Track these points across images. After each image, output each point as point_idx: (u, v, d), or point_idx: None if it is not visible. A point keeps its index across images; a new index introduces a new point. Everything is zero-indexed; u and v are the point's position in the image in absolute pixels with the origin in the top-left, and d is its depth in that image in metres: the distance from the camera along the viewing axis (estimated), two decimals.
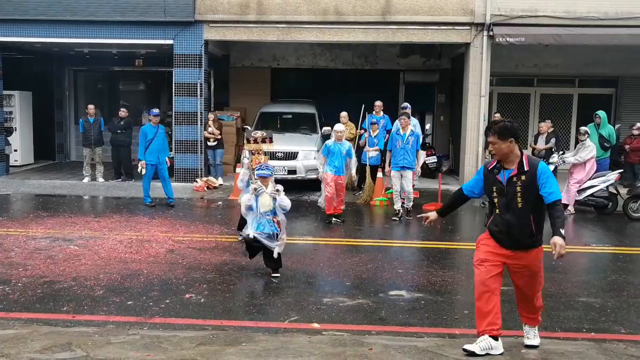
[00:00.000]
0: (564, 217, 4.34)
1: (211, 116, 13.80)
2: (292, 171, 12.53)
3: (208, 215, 10.77)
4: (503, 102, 16.63)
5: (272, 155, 12.47)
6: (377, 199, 11.72)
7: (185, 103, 13.69)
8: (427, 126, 15.56)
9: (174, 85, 13.73)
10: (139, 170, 11.23)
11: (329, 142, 10.21)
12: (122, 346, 4.51)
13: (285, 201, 6.83)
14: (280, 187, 6.93)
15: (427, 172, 14.17)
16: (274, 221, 6.87)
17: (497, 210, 4.46)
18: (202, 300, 6.05)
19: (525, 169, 4.33)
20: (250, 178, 7.77)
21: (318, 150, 12.78)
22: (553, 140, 12.27)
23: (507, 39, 12.84)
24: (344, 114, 12.71)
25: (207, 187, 13.22)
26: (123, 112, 13.88)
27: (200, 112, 13.73)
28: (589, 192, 11.03)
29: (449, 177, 15.21)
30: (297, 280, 6.80)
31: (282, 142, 12.86)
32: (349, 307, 5.89)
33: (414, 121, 11.75)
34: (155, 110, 11.34)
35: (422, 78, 17.21)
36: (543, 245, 4.50)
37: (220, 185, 13.50)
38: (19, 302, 5.86)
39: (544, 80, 16.53)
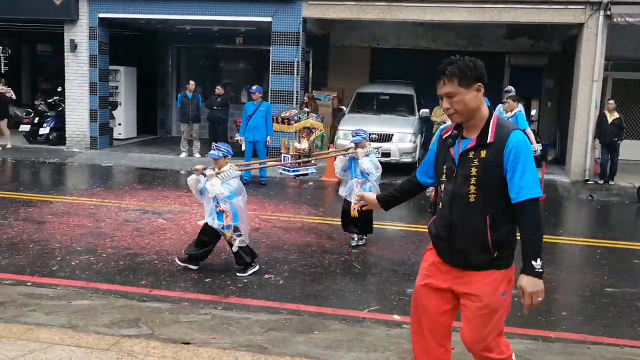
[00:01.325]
0: (540, 234, 2.64)
1: (307, 97, 13.55)
2: (386, 154, 12.00)
3: (298, 195, 10.55)
4: (618, 89, 15.07)
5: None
6: None
7: (282, 81, 13.52)
8: (533, 112, 14.46)
9: (270, 63, 13.60)
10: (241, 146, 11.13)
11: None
12: (189, 326, 4.30)
13: (214, 188, 5.62)
14: (227, 169, 5.77)
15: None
16: (223, 213, 5.77)
17: (440, 204, 2.88)
18: (280, 282, 5.78)
19: (489, 141, 2.68)
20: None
21: (414, 133, 12.20)
22: None
23: (627, 18, 11.52)
24: None
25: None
26: (220, 90, 13.95)
27: (296, 91, 13.51)
28: None
29: (555, 166, 14.06)
30: (381, 267, 6.36)
31: (376, 124, 12.43)
32: None
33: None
34: (255, 87, 11.20)
35: (529, 61, 16.02)
36: (509, 271, 2.82)
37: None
38: (100, 273, 5.86)
39: None
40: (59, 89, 15.45)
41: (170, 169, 12.73)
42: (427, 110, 13.05)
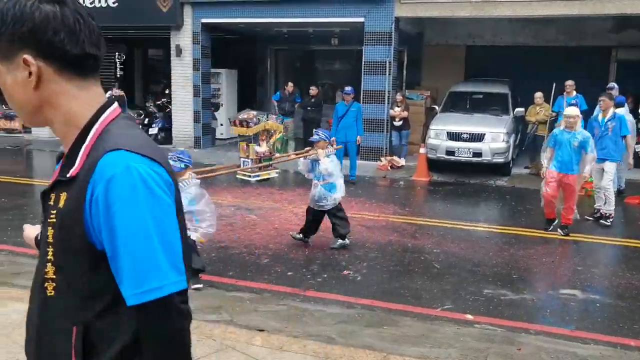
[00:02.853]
0: None
1: (399, 97, 13.62)
2: (478, 154, 11.82)
3: (386, 195, 10.68)
4: None
5: (458, 137, 11.98)
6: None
7: (374, 81, 13.68)
8: None
9: (363, 63, 13.80)
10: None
11: (556, 130, 8.08)
12: (265, 315, 4.61)
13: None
14: (187, 177, 5.40)
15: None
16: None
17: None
18: (358, 278, 5.98)
19: (72, 173, 1.33)
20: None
21: (508, 133, 11.91)
22: None
23: None
24: (538, 94, 11.62)
25: (391, 167, 13.12)
26: (314, 90, 14.35)
27: (388, 91, 13.61)
28: None
29: None
30: (460, 267, 6.38)
31: (468, 123, 12.28)
32: (511, 301, 5.35)
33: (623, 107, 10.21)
34: (349, 88, 11.44)
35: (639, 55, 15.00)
36: None
37: (403, 165, 13.31)
38: None
39: None
40: (167, 92, 16.59)
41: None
42: (523, 109, 12.68)
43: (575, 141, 7.53)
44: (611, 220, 8.30)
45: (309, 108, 14.24)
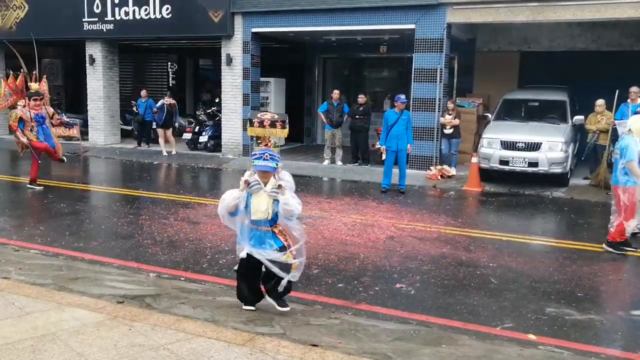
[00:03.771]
0: None
1: (450, 105, 13.32)
2: (534, 164, 11.39)
3: (436, 205, 10.40)
4: None
5: (512, 146, 11.59)
6: None
7: (424, 89, 13.43)
8: None
9: (413, 70, 13.57)
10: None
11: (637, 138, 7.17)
12: (318, 329, 4.47)
13: (290, 203, 4.56)
14: (284, 180, 4.71)
15: None
16: (275, 232, 4.76)
17: None
18: (412, 292, 5.77)
19: None
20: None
21: (566, 142, 11.45)
22: None
23: None
24: (600, 101, 11.13)
25: (441, 176, 12.82)
26: (362, 99, 14.20)
27: (439, 99, 13.34)
28: None
29: None
30: (519, 283, 6.07)
31: (524, 132, 11.87)
32: (577, 322, 5.02)
33: None
34: (402, 96, 11.25)
35: None
36: None
37: (454, 175, 12.98)
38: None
39: None
40: (217, 100, 16.76)
41: (313, 176, 13.20)
42: (582, 117, 12.16)
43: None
44: None
45: (357, 117, 14.09)
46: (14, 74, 11.41)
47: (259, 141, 4.82)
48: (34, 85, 10.79)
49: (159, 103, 15.95)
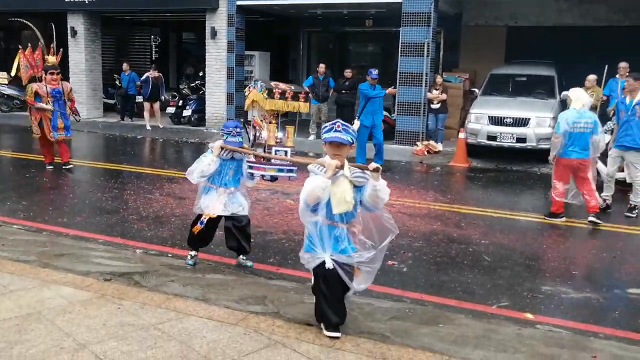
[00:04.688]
0: None
1: (438, 79, 13.17)
2: (522, 139, 11.36)
3: (424, 181, 10.33)
4: None
5: (500, 121, 11.52)
6: None
7: (411, 63, 13.26)
8: None
9: (400, 45, 13.38)
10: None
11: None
12: (312, 307, 4.33)
13: (384, 190, 3.79)
14: (374, 164, 3.78)
15: None
16: (350, 234, 3.88)
17: None
18: (404, 270, 5.68)
19: None
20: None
21: (554, 117, 11.39)
22: None
23: None
24: (591, 77, 11.08)
25: (428, 152, 12.75)
26: (349, 73, 14.00)
27: (426, 74, 13.19)
28: None
29: None
30: (513, 261, 6.02)
31: (512, 107, 11.80)
32: (573, 300, 4.98)
33: None
34: (374, 72, 11.06)
35: None
36: None
37: (440, 150, 12.92)
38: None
39: None
40: (201, 74, 16.42)
41: (299, 151, 12.97)
42: (567, 92, 12.08)
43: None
44: (637, 211, 7.79)
45: (343, 91, 13.90)
46: (31, 47, 10.58)
47: (261, 118, 4.40)
48: (50, 58, 10.11)
49: (144, 76, 15.58)
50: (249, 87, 5.13)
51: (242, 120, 5.46)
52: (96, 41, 17.30)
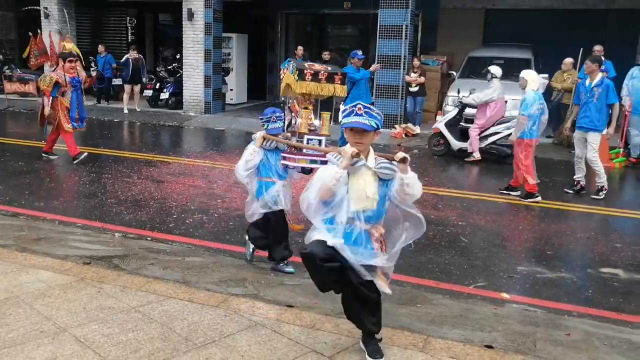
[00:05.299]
0: None
1: (416, 62, 13.20)
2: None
3: None
4: None
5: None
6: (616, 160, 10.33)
7: (389, 46, 13.25)
8: None
9: (378, 27, 13.35)
10: None
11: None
12: (292, 289, 4.40)
13: (416, 185, 3.15)
14: (401, 153, 3.15)
15: None
16: (372, 236, 3.25)
17: None
18: None
19: None
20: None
21: None
22: None
23: None
24: (568, 60, 11.18)
25: (405, 134, 12.82)
26: (327, 55, 13.95)
27: (404, 56, 13.20)
28: (490, 139, 10.36)
29: None
30: (489, 242, 6.13)
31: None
32: (548, 280, 5.10)
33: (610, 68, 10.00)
34: (359, 52, 11.03)
35: None
36: None
37: (418, 133, 12.99)
38: (212, 232, 6.15)
39: None
40: (178, 56, 16.21)
41: (335, 140, 12.95)
42: (547, 75, 12.24)
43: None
44: (604, 192, 7.98)
45: None
46: (41, 33, 10.01)
47: (289, 104, 4.04)
48: (67, 45, 9.65)
49: (124, 58, 15.32)
50: (283, 69, 4.63)
51: (282, 104, 5.11)
52: (70, 22, 16.93)
